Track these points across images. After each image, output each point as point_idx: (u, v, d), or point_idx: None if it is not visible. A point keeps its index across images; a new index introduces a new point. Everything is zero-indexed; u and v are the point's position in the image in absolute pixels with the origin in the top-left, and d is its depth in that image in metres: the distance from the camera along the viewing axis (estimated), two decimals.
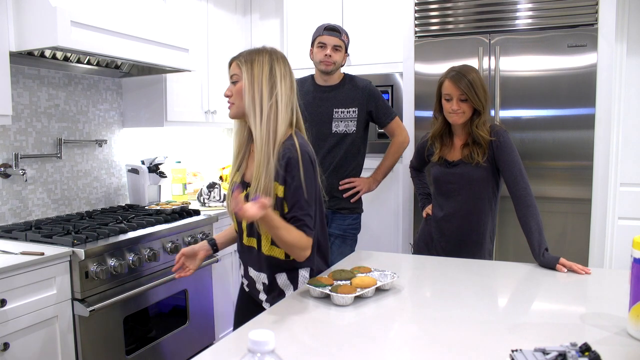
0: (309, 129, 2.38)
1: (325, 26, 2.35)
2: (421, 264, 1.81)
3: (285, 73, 1.51)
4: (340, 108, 2.38)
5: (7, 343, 1.68)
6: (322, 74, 2.39)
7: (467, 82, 1.85)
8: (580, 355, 0.89)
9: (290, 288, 1.52)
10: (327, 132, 2.39)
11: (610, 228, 3.29)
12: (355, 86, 2.41)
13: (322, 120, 2.38)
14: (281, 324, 1.23)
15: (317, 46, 2.35)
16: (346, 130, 2.39)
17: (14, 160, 2.32)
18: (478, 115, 1.89)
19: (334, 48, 2.33)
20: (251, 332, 0.68)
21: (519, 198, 1.82)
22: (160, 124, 2.86)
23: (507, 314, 1.29)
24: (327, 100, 2.40)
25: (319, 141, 2.35)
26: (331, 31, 2.33)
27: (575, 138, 2.51)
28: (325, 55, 2.32)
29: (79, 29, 2.00)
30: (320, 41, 2.34)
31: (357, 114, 2.39)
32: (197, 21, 3.10)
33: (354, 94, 2.40)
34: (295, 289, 1.51)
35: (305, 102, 2.39)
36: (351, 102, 2.39)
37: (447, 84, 1.90)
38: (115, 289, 2.05)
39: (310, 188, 1.43)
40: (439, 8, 2.73)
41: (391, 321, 1.25)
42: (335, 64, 2.35)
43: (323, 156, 2.37)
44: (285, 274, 1.52)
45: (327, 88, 2.41)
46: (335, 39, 2.33)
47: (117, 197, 2.95)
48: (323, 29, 2.35)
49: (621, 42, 3.18)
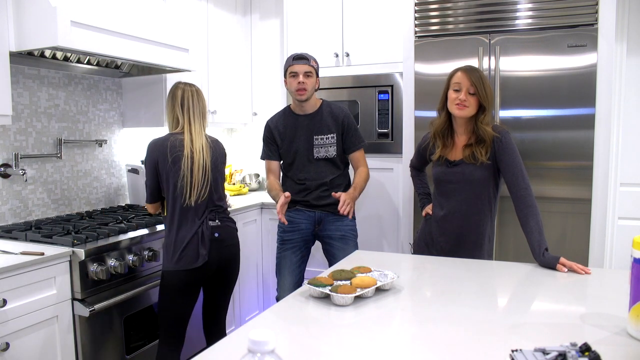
0: (293, 156, 2.47)
1: (294, 56, 2.45)
2: (421, 264, 1.81)
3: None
4: (319, 135, 2.47)
5: (7, 343, 1.68)
6: (299, 103, 2.48)
7: (478, 75, 1.89)
8: (580, 355, 0.89)
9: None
10: (311, 158, 2.49)
11: (610, 228, 3.29)
12: (332, 113, 2.50)
13: (305, 147, 2.49)
14: (281, 324, 1.23)
15: (290, 76, 2.44)
16: (327, 155, 2.48)
17: (14, 160, 2.32)
18: (483, 112, 1.90)
19: (305, 74, 2.42)
20: (251, 332, 0.68)
21: (519, 198, 1.82)
22: (160, 124, 2.86)
23: (507, 314, 1.29)
24: (306, 128, 2.49)
25: (305, 166, 2.49)
26: (299, 60, 2.43)
27: (575, 138, 2.51)
28: (298, 82, 2.40)
29: (79, 29, 2.00)
30: (292, 71, 2.43)
31: (336, 139, 2.48)
32: (197, 21, 3.10)
33: (331, 120, 2.48)
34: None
35: (286, 133, 2.49)
36: (329, 129, 2.48)
37: (459, 74, 1.92)
38: (115, 289, 2.05)
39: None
40: (439, 8, 2.73)
41: (391, 321, 1.25)
42: (308, 90, 2.43)
43: (313, 178, 2.48)
44: None
45: (305, 117, 2.50)
46: (304, 66, 2.42)
47: (117, 197, 2.95)
48: (292, 59, 2.45)
49: (621, 42, 3.18)
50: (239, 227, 2.98)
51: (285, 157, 2.54)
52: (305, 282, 1.45)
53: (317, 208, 2.50)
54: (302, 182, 2.49)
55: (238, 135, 4.01)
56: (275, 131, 2.53)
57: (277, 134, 2.53)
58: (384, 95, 3.02)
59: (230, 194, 3.41)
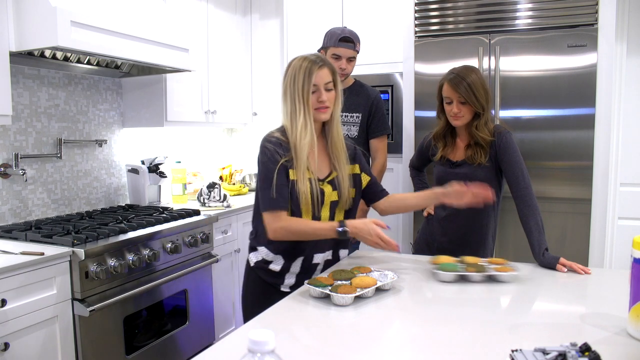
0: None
1: (340, 37, 2.28)
2: (421, 264, 1.80)
3: None
4: (345, 112, 2.39)
5: (7, 343, 1.68)
6: None
7: (465, 85, 1.85)
8: (580, 355, 0.89)
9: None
10: None
11: (610, 228, 3.29)
12: (364, 94, 2.41)
13: None
14: (281, 324, 1.23)
15: (332, 57, 2.29)
16: (348, 134, 2.41)
17: (14, 160, 2.32)
18: (478, 117, 1.89)
19: (348, 60, 2.31)
20: (251, 332, 0.68)
21: (520, 197, 1.82)
22: (160, 124, 2.86)
23: (507, 314, 1.29)
24: None
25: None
26: (346, 42, 2.28)
27: (575, 138, 2.51)
28: (340, 68, 2.28)
29: (79, 29, 2.00)
30: (335, 53, 2.29)
31: (360, 119, 2.41)
32: (197, 21, 3.10)
33: (361, 100, 2.40)
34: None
35: None
36: (356, 108, 2.40)
37: (446, 87, 1.91)
38: (115, 289, 2.05)
39: None
40: (439, 8, 2.73)
41: (391, 321, 1.25)
42: (348, 74, 2.34)
43: None
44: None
45: None
46: (350, 51, 2.29)
47: (117, 197, 2.95)
48: (338, 40, 2.28)
49: (621, 42, 3.18)
50: (239, 227, 2.99)
51: None
52: (305, 282, 1.45)
53: None
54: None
55: (238, 135, 4.01)
56: None
57: None
58: (384, 95, 3.02)
59: (230, 194, 3.41)
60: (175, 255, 2.38)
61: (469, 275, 1.52)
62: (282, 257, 1.66)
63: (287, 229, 1.55)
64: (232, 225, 2.92)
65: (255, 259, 1.70)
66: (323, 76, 1.58)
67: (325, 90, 1.59)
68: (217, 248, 2.73)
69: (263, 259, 1.68)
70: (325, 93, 1.59)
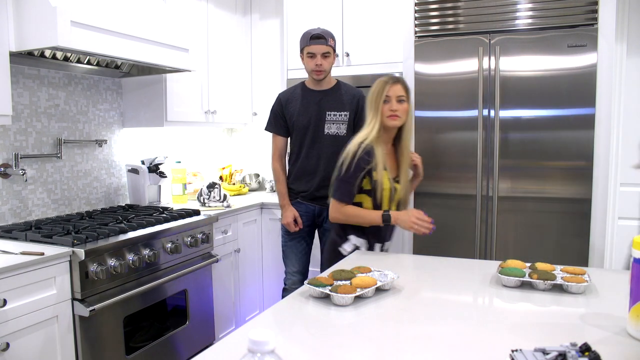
0: (304, 131, 2.52)
1: (311, 35, 2.42)
2: (421, 264, 1.81)
3: None
4: (333, 111, 2.50)
5: (7, 343, 1.68)
6: (315, 80, 2.51)
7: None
8: (580, 355, 0.89)
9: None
10: (320, 134, 2.52)
11: (610, 228, 3.29)
12: (347, 92, 2.54)
13: (315, 123, 2.51)
14: (281, 324, 1.23)
15: (307, 56, 2.45)
16: (337, 132, 2.50)
17: (14, 160, 2.32)
18: None
19: (323, 56, 2.43)
20: (251, 332, 0.68)
21: None
22: (160, 124, 2.86)
23: (507, 314, 1.29)
24: (319, 103, 2.52)
25: (313, 143, 2.52)
26: (317, 39, 2.41)
27: (575, 138, 2.51)
28: (316, 65, 2.42)
29: (79, 29, 2.00)
30: (309, 51, 2.43)
31: (348, 117, 2.51)
32: (197, 21, 3.10)
33: (346, 99, 2.52)
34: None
35: (298, 107, 2.50)
36: (343, 107, 2.51)
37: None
38: (115, 289, 2.05)
39: None
40: (439, 8, 2.73)
41: (391, 321, 1.25)
42: (326, 70, 2.47)
43: (317, 157, 2.52)
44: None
45: (319, 92, 2.53)
46: (322, 47, 2.41)
47: (117, 197, 2.95)
48: (309, 39, 2.42)
49: (621, 42, 3.18)
50: (239, 227, 2.99)
51: (296, 130, 2.55)
52: (305, 282, 1.45)
53: (317, 200, 2.53)
54: (307, 166, 2.53)
55: (238, 135, 4.01)
56: (286, 104, 2.56)
57: (287, 108, 2.56)
58: None
59: (230, 194, 3.41)
60: (175, 255, 2.38)
61: (534, 283, 1.48)
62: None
63: (344, 214, 1.95)
64: (232, 225, 2.92)
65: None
66: (396, 90, 1.93)
67: (397, 102, 1.92)
68: (217, 248, 2.73)
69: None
70: (397, 104, 1.92)
